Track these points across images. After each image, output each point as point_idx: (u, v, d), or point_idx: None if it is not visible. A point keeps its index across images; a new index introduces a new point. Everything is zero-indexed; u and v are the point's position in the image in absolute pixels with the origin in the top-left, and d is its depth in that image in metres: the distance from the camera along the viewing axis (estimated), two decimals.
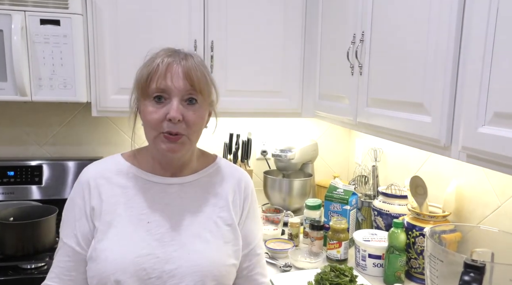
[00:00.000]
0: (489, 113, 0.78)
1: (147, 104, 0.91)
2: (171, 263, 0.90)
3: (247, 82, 1.78)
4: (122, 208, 0.93)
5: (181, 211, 0.96)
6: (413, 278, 1.35)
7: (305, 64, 1.82)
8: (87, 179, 0.95)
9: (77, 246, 0.92)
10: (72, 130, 1.98)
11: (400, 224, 1.32)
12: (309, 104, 1.84)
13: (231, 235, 0.98)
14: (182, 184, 0.99)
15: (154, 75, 0.89)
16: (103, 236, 0.90)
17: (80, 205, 0.94)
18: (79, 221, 0.93)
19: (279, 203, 1.91)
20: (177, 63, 0.90)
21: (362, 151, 2.08)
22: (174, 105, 0.88)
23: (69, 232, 0.93)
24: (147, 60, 0.94)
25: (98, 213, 0.92)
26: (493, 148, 0.76)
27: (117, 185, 0.95)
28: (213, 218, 0.97)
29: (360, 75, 1.34)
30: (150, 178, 0.97)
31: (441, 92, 0.93)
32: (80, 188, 0.95)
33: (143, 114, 0.92)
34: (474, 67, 0.83)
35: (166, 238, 0.92)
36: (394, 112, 1.15)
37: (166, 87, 0.89)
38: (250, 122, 2.12)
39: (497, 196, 1.21)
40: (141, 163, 0.99)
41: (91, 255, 0.90)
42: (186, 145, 0.93)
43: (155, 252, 0.90)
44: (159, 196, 0.96)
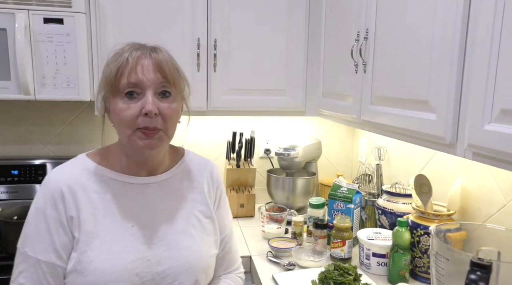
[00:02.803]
0: (496, 110, 0.77)
1: (118, 101, 0.86)
2: (162, 264, 0.90)
3: (250, 80, 1.78)
4: (102, 215, 0.89)
5: (162, 210, 0.95)
6: (418, 277, 1.34)
7: (308, 62, 1.81)
8: (58, 187, 0.87)
9: (58, 260, 0.86)
10: (75, 129, 1.98)
11: (404, 222, 1.31)
12: (312, 102, 1.83)
13: (211, 226, 1.01)
14: (159, 183, 0.97)
15: (124, 70, 0.85)
16: (86, 247, 0.86)
17: (54, 216, 0.86)
18: (57, 234, 0.86)
19: (283, 201, 1.91)
20: (146, 55, 0.87)
21: (366, 150, 2.07)
22: (149, 98, 0.85)
23: (45, 247, 0.85)
24: (113, 56, 0.89)
25: (77, 223, 0.87)
26: (500, 146, 0.75)
27: (93, 191, 0.90)
28: (194, 213, 0.99)
29: (364, 73, 1.33)
30: (126, 179, 0.93)
31: (446, 89, 0.92)
32: (51, 197, 0.87)
33: (114, 112, 0.87)
34: (480, 64, 0.82)
35: (153, 240, 0.91)
36: (399, 110, 1.14)
37: (138, 80, 0.85)
38: (254, 120, 2.12)
39: (503, 194, 1.20)
40: (112, 164, 0.94)
41: (75, 268, 0.86)
42: (164, 140, 0.90)
43: (145, 255, 0.89)
44: (138, 197, 0.93)
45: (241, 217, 1.94)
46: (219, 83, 1.75)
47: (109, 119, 0.92)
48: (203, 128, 2.06)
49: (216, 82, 1.74)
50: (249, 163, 2.01)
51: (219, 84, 1.75)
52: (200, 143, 2.05)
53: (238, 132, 1.99)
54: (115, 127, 0.91)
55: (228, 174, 1.96)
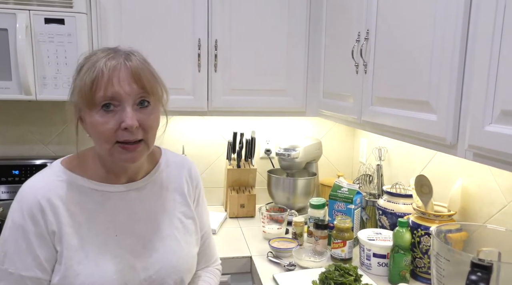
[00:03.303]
0: (496, 111, 0.77)
1: (94, 114, 0.82)
2: (148, 270, 0.90)
3: (251, 81, 1.78)
4: (85, 227, 0.87)
5: (145, 216, 0.93)
6: (418, 278, 1.34)
7: (309, 62, 1.81)
8: (37, 201, 0.84)
9: (43, 274, 0.84)
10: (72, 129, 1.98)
11: (405, 223, 1.31)
12: (313, 103, 1.84)
13: (193, 227, 1.02)
14: (139, 189, 0.95)
15: (99, 82, 0.80)
16: (71, 262, 0.84)
17: (34, 231, 0.83)
18: (39, 248, 0.84)
19: (283, 202, 1.91)
20: (121, 64, 0.82)
21: (367, 150, 2.07)
22: (128, 112, 0.81)
23: (28, 262, 0.83)
24: (85, 63, 0.84)
25: (59, 237, 0.85)
26: (500, 147, 0.75)
27: (72, 203, 0.87)
28: (177, 215, 0.98)
29: (365, 73, 1.33)
30: (105, 188, 0.91)
31: (447, 90, 0.93)
32: (29, 212, 0.83)
33: (91, 126, 0.83)
34: (481, 64, 0.82)
35: (138, 247, 0.90)
36: (399, 110, 1.14)
37: (115, 93, 0.80)
38: (254, 121, 2.12)
39: (504, 195, 1.20)
40: (90, 173, 0.91)
41: (61, 282, 0.84)
42: (145, 151, 0.87)
43: (131, 263, 0.88)
44: (119, 205, 0.91)
45: (241, 218, 1.94)
46: (219, 84, 1.75)
47: (84, 128, 0.88)
48: (204, 128, 2.06)
49: (217, 83, 1.74)
50: (249, 164, 2.01)
51: (220, 85, 1.75)
52: (201, 143, 2.06)
53: (239, 133, 1.99)
54: (92, 138, 0.87)
55: (229, 174, 1.96)
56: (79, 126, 0.89)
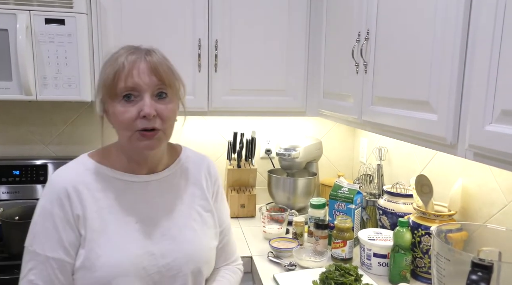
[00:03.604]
0: (496, 110, 0.77)
1: (116, 105, 0.88)
2: (167, 257, 0.93)
3: (251, 81, 1.78)
4: (107, 213, 0.92)
5: (164, 206, 0.98)
6: (419, 277, 1.34)
7: (309, 62, 1.81)
8: (64, 187, 0.91)
9: (66, 256, 0.90)
10: (77, 129, 1.98)
11: (405, 223, 1.31)
12: (313, 102, 1.84)
13: (211, 220, 1.05)
14: (159, 180, 1.00)
15: (120, 74, 0.87)
16: (93, 244, 0.89)
17: (60, 215, 0.90)
18: (64, 231, 0.89)
19: (284, 202, 1.91)
20: (141, 59, 0.89)
21: (367, 150, 2.07)
22: (147, 101, 0.87)
23: (54, 244, 0.89)
24: (109, 60, 0.91)
25: (83, 221, 0.90)
26: (501, 146, 0.75)
27: (97, 190, 0.93)
28: (195, 207, 1.02)
29: (365, 73, 1.33)
30: (128, 178, 0.96)
31: (447, 90, 0.93)
32: (57, 197, 0.90)
33: (113, 115, 0.90)
34: (481, 64, 0.82)
35: (157, 235, 0.95)
36: (400, 110, 1.14)
37: (135, 84, 0.87)
38: (254, 121, 2.12)
39: (504, 194, 1.20)
40: (113, 163, 0.97)
41: (84, 264, 0.89)
42: (162, 140, 0.93)
43: (150, 249, 0.92)
44: (140, 195, 0.96)
45: (242, 218, 1.94)
46: (220, 84, 1.75)
47: (108, 120, 0.94)
48: (204, 128, 2.06)
49: (217, 83, 1.74)
50: (250, 164, 2.01)
51: (220, 85, 1.75)
52: (201, 143, 2.06)
53: (239, 133, 1.99)
54: (115, 128, 0.93)
55: (229, 174, 1.96)
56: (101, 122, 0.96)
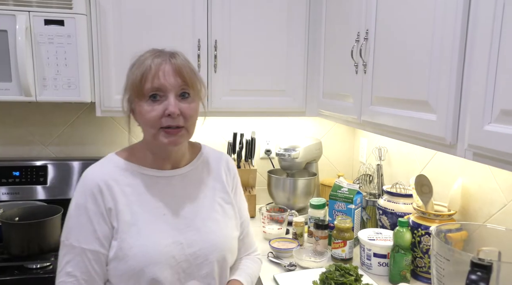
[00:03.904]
0: (496, 110, 0.77)
1: (143, 104, 0.95)
2: (193, 246, 1.00)
3: (250, 81, 1.78)
4: (136, 205, 0.98)
5: (188, 199, 1.05)
6: (419, 277, 1.34)
7: (309, 62, 1.81)
8: (96, 183, 0.97)
9: (101, 248, 0.96)
10: (76, 130, 1.98)
11: (405, 223, 1.31)
12: (313, 103, 1.84)
13: (232, 211, 1.12)
14: (182, 175, 1.06)
15: (147, 75, 0.94)
16: (125, 235, 0.95)
17: (94, 209, 0.96)
18: (98, 224, 0.96)
19: (283, 202, 1.91)
20: (166, 62, 0.95)
21: (367, 150, 2.07)
22: (172, 100, 0.94)
23: (89, 237, 0.95)
24: (135, 61, 0.98)
25: (115, 214, 0.96)
26: (500, 146, 0.75)
27: (126, 185, 0.99)
28: (216, 200, 1.09)
29: (365, 73, 1.33)
30: (154, 173, 1.03)
31: (446, 89, 0.93)
32: (90, 193, 0.96)
33: (140, 114, 0.97)
34: (480, 64, 0.82)
35: (182, 226, 1.01)
36: (399, 110, 1.14)
37: (160, 85, 0.94)
38: (254, 121, 2.12)
39: (504, 194, 1.20)
40: (139, 160, 1.04)
41: (117, 254, 0.95)
42: (185, 137, 1.00)
43: (177, 239, 0.99)
44: (166, 189, 1.03)
45: None
46: (219, 84, 1.75)
47: (135, 119, 1.01)
48: (204, 128, 2.06)
49: (217, 83, 1.74)
50: (249, 164, 2.01)
51: (220, 85, 1.75)
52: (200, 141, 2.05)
53: (239, 133, 1.99)
54: (141, 127, 1.00)
55: None
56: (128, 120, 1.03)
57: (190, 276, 1.00)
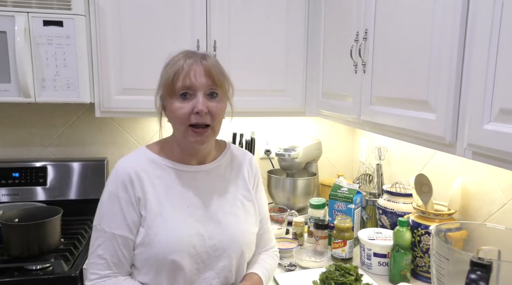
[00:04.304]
0: (495, 109, 0.77)
1: (174, 101, 1.01)
2: (213, 239, 1.05)
3: (250, 81, 1.78)
4: (163, 196, 1.05)
5: (211, 194, 1.10)
6: (419, 277, 1.34)
7: (308, 62, 1.81)
8: (128, 173, 1.03)
9: (130, 234, 1.03)
10: (76, 131, 1.98)
11: (405, 222, 1.31)
12: (312, 103, 1.84)
13: (252, 208, 1.16)
14: (207, 171, 1.12)
15: (179, 75, 1.00)
16: (152, 223, 1.02)
17: (125, 198, 1.02)
18: (128, 212, 1.02)
19: (283, 202, 1.90)
20: (198, 63, 1.01)
21: (367, 150, 2.07)
22: (200, 99, 1.00)
23: (119, 223, 1.02)
24: (169, 61, 1.04)
25: (144, 203, 1.03)
26: (499, 145, 0.75)
27: (155, 177, 1.05)
28: (238, 197, 1.14)
29: (364, 73, 1.33)
30: (181, 167, 1.09)
31: (445, 89, 0.93)
32: (121, 182, 1.03)
33: (170, 111, 1.03)
34: (479, 63, 0.82)
35: (204, 218, 1.07)
36: (398, 110, 1.14)
37: (191, 84, 1.00)
38: (254, 121, 2.12)
39: (503, 193, 1.20)
40: (168, 154, 1.10)
41: (143, 241, 1.02)
42: (211, 136, 1.05)
43: (199, 231, 1.04)
44: (191, 182, 1.09)
45: None
46: None
47: (165, 115, 1.08)
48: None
49: None
50: None
51: None
52: None
53: (238, 133, 1.99)
54: (171, 123, 1.07)
55: None
56: (162, 118, 1.10)
57: (208, 267, 1.05)
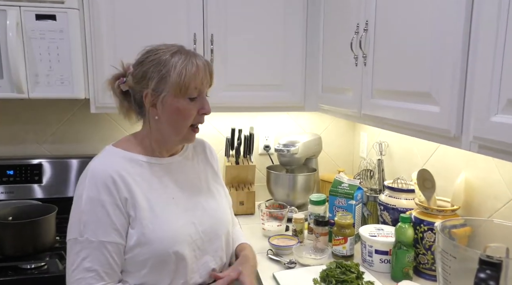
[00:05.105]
0: (502, 100, 0.73)
1: (182, 102, 1.02)
2: (203, 224, 1.09)
3: (248, 75, 1.74)
4: (149, 193, 1.03)
5: (188, 183, 1.13)
6: (422, 274, 1.31)
7: (307, 56, 1.78)
8: (109, 175, 0.99)
9: (120, 239, 0.98)
10: (71, 128, 1.95)
11: (407, 218, 1.28)
12: (312, 97, 1.80)
13: (223, 191, 1.24)
14: (179, 162, 1.14)
15: (196, 77, 1.01)
16: (146, 221, 1.00)
17: (110, 201, 0.97)
18: (115, 216, 0.98)
19: (283, 198, 1.88)
20: (205, 65, 1.05)
21: (367, 145, 2.04)
22: (206, 100, 1.06)
23: (107, 229, 0.97)
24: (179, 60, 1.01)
25: (132, 203, 1.00)
26: (508, 138, 0.72)
27: (136, 174, 1.03)
28: (210, 182, 1.20)
29: (365, 65, 1.30)
30: (156, 161, 1.09)
31: (450, 80, 0.89)
32: (103, 185, 0.98)
33: (173, 110, 1.02)
34: (485, 52, 0.78)
35: (191, 207, 1.09)
36: (401, 103, 1.10)
37: (202, 88, 1.05)
38: (252, 116, 2.09)
39: (508, 187, 1.16)
40: (141, 150, 1.09)
41: (139, 241, 0.98)
42: None
43: (190, 219, 1.07)
44: (168, 175, 1.10)
45: (240, 215, 1.91)
46: (216, 79, 1.68)
47: (155, 113, 1.04)
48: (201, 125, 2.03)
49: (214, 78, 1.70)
50: (248, 160, 1.97)
51: (217, 80, 1.69)
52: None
53: (237, 129, 1.96)
54: (161, 120, 1.04)
55: (227, 171, 1.92)
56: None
57: (203, 252, 1.09)
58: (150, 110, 1.05)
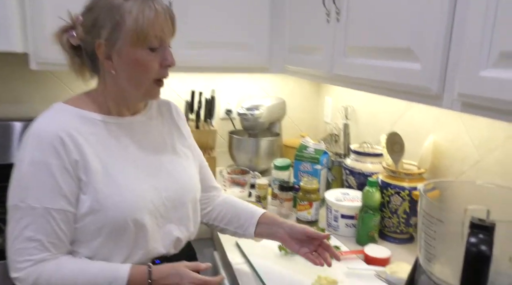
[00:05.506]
0: (494, 53, 0.68)
1: (141, 52, 0.91)
2: (168, 190, 0.99)
3: (210, 33, 1.61)
4: (105, 154, 0.93)
5: (152, 145, 1.03)
6: (387, 237, 1.32)
7: (273, 12, 1.66)
8: (56, 135, 0.87)
9: (69, 206, 0.88)
10: (8, 86, 1.73)
11: (375, 182, 1.26)
12: (278, 57, 1.70)
13: (191, 154, 1.13)
14: (142, 122, 1.04)
15: (154, 23, 0.89)
16: (100, 186, 0.90)
17: (57, 164, 0.87)
18: (63, 180, 0.87)
19: (245, 164, 1.81)
20: (164, 10, 0.92)
21: (332, 110, 2.00)
22: (169, 51, 0.94)
23: (54, 195, 0.86)
24: (134, 5, 0.88)
25: (83, 165, 0.89)
26: (498, 94, 0.67)
27: (89, 133, 0.92)
28: (176, 144, 1.09)
29: (337, 21, 1.21)
30: (115, 120, 0.98)
31: (433, 33, 0.83)
32: (49, 146, 0.87)
33: (132, 62, 0.91)
34: None
35: (154, 171, 0.99)
36: (377, 60, 1.04)
37: (164, 37, 0.93)
38: (213, 79, 1.96)
39: (477, 149, 1.16)
40: (97, 108, 0.97)
41: (92, 208, 0.89)
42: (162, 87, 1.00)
43: (152, 184, 0.97)
44: (129, 135, 0.99)
45: None
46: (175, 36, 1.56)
47: (111, 66, 0.92)
48: None
49: None
50: (209, 124, 1.87)
51: (176, 37, 1.55)
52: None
53: (197, 91, 1.84)
54: (119, 75, 0.93)
55: None
56: None
57: (167, 220, 0.99)
58: (104, 63, 0.93)
